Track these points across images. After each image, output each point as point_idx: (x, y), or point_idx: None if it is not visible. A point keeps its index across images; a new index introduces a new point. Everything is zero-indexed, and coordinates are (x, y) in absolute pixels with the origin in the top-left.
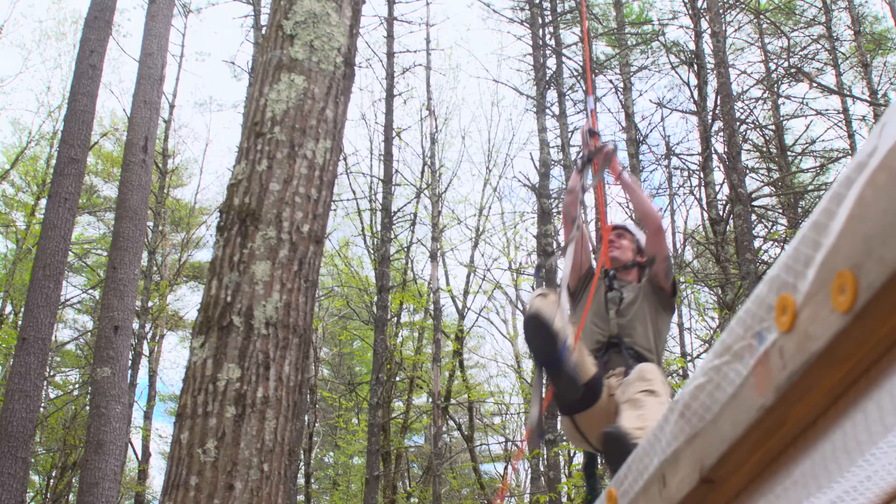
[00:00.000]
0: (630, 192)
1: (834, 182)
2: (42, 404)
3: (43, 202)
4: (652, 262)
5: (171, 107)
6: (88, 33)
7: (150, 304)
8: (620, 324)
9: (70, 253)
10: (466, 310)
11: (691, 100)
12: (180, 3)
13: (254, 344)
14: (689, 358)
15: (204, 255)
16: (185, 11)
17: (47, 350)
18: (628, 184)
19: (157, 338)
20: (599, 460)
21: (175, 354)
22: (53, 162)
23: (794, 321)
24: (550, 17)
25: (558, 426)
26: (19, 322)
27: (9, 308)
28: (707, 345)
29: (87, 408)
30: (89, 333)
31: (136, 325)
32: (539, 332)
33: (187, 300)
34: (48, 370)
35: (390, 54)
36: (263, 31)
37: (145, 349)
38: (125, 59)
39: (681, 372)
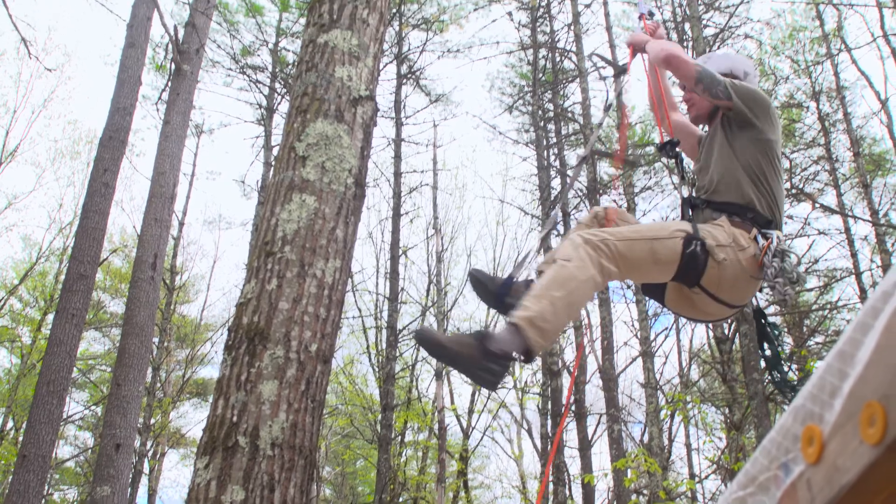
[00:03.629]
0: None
1: (858, 311)
2: None
3: (50, 317)
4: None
5: (181, 224)
6: (103, 152)
7: (152, 420)
8: None
9: (74, 368)
10: (471, 429)
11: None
12: (193, 125)
13: (259, 465)
14: (697, 479)
15: (208, 372)
16: (197, 132)
17: (47, 467)
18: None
19: (158, 455)
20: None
21: (175, 473)
22: (62, 277)
23: (821, 453)
24: (555, 139)
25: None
26: (20, 438)
27: (10, 423)
28: (715, 465)
29: None
30: (90, 451)
31: (137, 443)
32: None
33: (190, 417)
34: (47, 488)
35: (397, 174)
36: (274, 152)
37: (146, 467)
38: (137, 177)
39: (689, 494)
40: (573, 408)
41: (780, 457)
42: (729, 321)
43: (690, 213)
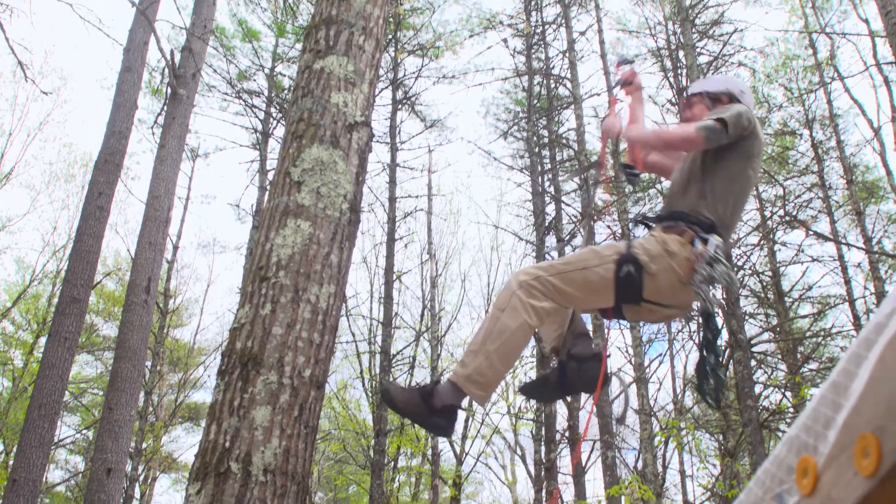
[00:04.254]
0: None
1: (852, 342)
2: None
3: (42, 340)
4: None
5: (175, 248)
6: (98, 176)
7: (144, 445)
8: None
9: (66, 392)
10: (465, 455)
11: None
12: (189, 149)
13: (251, 491)
14: None
15: (201, 396)
16: (193, 156)
17: (38, 492)
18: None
19: (150, 480)
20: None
21: (167, 498)
22: (55, 300)
23: (816, 484)
24: (550, 165)
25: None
26: (10, 462)
27: (0, 447)
28: (709, 493)
29: None
30: (81, 475)
31: (128, 467)
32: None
33: (182, 441)
34: None
35: (392, 199)
36: (269, 176)
37: (137, 492)
38: (132, 200)
39: None
40: (566, 434)
41: (774, 488)
42: (723, 348)
43: (637, 230)
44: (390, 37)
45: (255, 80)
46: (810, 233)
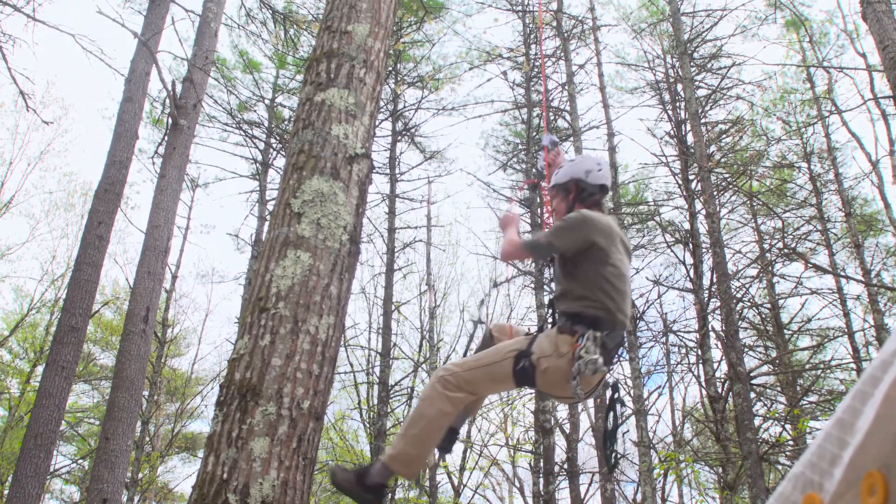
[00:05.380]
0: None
1: (857, 380)
2: None
3: (39, 369)
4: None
5: (174, 277)
6: (98, 205)
7: (140, 475)
8: None
9: (63, 421)
10: (463, 487)
11: (687, 278)
12: (189, 178)
13: None
14: None
15: (198, 426)
16: (193, 186)
17: None
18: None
19: None
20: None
21: None
22: (53, 329)
23: None
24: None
25: None
26: (5, 492)
27: None
28: None
29: None
30: None
31: (124, 498)
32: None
33: (178, 472)
34: None
35: (391, 230)
36: (269, 206)
37: None
38: (131, 229)
39: None
40: (565, 466)
41: None
42: (722, 381)
43: (550, 313)
44: (390, 69)
45: (255, 111)
46: (809, 265)
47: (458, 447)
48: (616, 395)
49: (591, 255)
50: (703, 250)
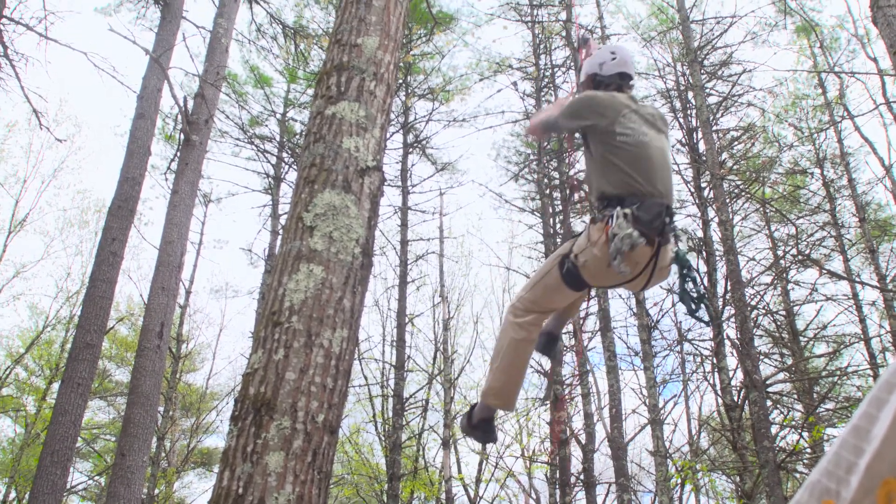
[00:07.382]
0: None
1: (872, 387)
2: None
3: (55, 386)
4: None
5: (188, 292)
6: (111, 221)
7: (156, 491)
8: None
9: (79, 438)
10: (479, 498)
11: (701, 285)
12: (202, 194)
13: None
14: None
15: (213, 442)
16: (205, 201)
17: None
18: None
19: None
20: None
21: None
22: (68, 346)
23: None
24: (561, 207)
25: None
26: None
27: (13, 494)
28: None
29: None
30: None
31: None
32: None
33: (194, 487)
34: None
35: (404, 242)
36: (281, 220)
37: None
38: (145, 245)
39: None
40: (581, 477)
41: None
42: (738, 389)
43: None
44: (400, 81)
45: (266, 126)
46: (824, 271)
47: (473, 459)
48: (684, 261)
49: (597, 136)
50: (717, 258)
